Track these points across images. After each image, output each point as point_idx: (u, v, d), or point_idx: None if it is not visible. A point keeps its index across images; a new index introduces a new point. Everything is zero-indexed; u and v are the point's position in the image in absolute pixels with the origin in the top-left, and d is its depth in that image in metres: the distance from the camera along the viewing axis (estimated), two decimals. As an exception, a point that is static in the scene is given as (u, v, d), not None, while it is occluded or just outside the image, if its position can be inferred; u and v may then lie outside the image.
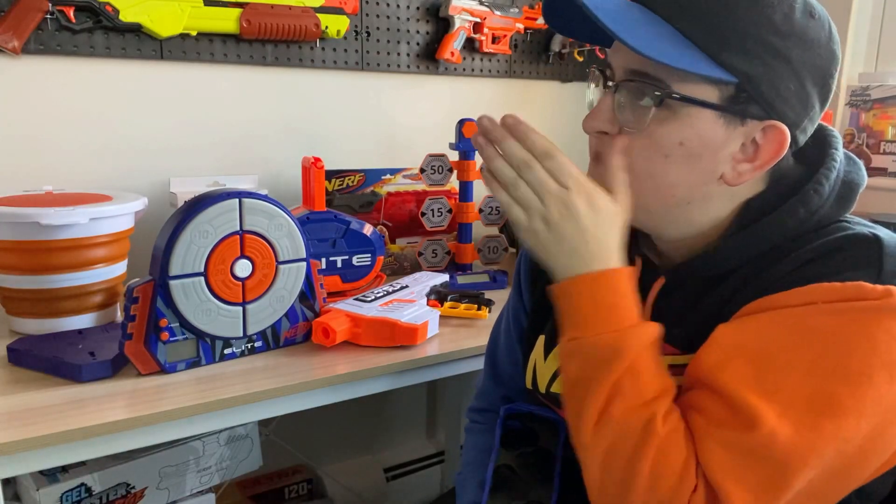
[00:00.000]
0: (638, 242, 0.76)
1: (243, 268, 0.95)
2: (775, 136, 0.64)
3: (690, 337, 0.66)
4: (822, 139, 0.71)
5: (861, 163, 0.71)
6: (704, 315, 0.66)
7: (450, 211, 1.43)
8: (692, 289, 0.69)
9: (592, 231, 0.63)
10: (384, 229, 1.45)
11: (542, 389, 0.80)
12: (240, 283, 0.95)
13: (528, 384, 0.83)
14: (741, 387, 0.57)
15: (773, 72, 0.61)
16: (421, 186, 1.48)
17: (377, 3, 1.51)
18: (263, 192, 1.00)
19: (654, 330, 0.63)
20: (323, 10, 1.41)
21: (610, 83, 0.68)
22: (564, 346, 0.65)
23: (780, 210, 0.65)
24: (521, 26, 1.68)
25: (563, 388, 0.66)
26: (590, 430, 0.60)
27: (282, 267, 0.99)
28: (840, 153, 0.69)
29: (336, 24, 1.43)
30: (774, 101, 0.62)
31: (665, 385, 0.62)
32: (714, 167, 0.65)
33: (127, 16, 1.23)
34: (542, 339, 0.81)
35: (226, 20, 1.32)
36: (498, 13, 1.64)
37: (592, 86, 0.74)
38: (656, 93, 0.62)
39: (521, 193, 0.63)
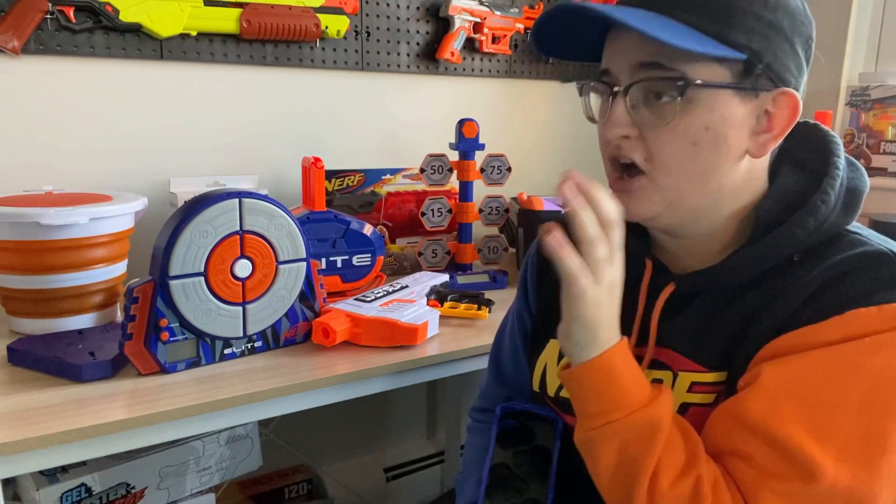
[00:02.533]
0: (650, 245, 0.75)
1: (243, 268, 0.95)
2: (787, 102, 0.66)
3: (714, 355, 0.67)
4: (822, 145, 0.71)
5: (863, 168, 0.71)
6: (725, 334, 0.67)
7: (450, 211, 1.43)
8: (707, 302, 0.69)
9: (618, 303, 0.64)
10: (384, 229, 1.45)
11: (551, 393, 0.80)
12: (240, 283, 0.95)
13: (536, 387, 0.82)
14: (795, 433, 0.58)
15: (773, 43, 0.64)
16: (421, 186, 1.48)
17: (377, 3, 1.51)
18: (263, 192, 1.00)
19: (671, 394, 0.64)
20: (323, 10, 1.41)
21: (616, 88, 0.67)
22: (598, 433, 0.63)
23: (790, 222, 0.65)
24: (521, 26, 1.68)
25: (600, 474, 0.64)
26: None
27: (282, 267, 0.99)
28: (842, 160, 0.69)
29: (336, 24, 1.43)
30: (779, 70, 0.65)
31: (694, 441, 0.62)
32: (738, 144, 0.66)
33: (127, 16, 1.24)
34: (555, 343, 0.80)
35: (226, 20, 1.32)
36: (498, 13, 1.64)
37: (592, 97, 0.73)
38: (679, 83, 0.63)
39: (599, 254, 0.61)
